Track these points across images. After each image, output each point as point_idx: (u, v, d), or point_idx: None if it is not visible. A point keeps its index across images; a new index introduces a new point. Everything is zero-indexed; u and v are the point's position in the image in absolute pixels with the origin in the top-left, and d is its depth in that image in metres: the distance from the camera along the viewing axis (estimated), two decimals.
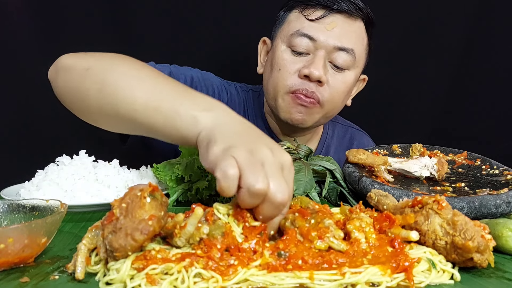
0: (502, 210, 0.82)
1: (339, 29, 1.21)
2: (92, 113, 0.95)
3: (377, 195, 0.78)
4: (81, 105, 0.95)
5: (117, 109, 0.90)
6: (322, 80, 1.19)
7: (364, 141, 1.57)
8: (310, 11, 1.22)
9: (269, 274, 0.55)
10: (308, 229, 0.62)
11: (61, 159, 0.97)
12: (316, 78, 1.18)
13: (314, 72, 1.18)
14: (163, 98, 0.84)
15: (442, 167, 1.03)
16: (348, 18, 1.23)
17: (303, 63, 1.21)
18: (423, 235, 0.63)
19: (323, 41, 1.20)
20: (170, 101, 0.83)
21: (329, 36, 1.20)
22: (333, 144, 1.51)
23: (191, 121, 0.77)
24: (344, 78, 1.25)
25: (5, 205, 0.70)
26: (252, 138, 0.72)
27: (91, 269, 0.59)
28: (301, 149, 1.12)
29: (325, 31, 1.20)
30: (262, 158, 0.65)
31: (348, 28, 1.23)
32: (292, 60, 1.23)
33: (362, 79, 1.40)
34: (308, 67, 1.19)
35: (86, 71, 0.93)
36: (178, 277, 0.54)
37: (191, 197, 0.98)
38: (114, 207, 0.58)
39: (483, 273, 0.62)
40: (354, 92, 1.41)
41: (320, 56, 1.20)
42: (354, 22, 1.24)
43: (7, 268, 0.60)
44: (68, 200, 0.87)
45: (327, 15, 1.21)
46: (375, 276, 0.55)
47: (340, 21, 1.22)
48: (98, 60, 0.95)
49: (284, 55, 1.24)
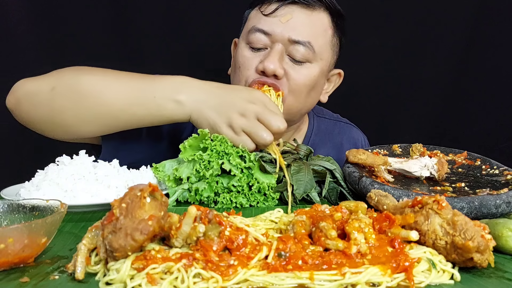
0: (502, 210, 0.82)
1: (295, 20, 1.16)
2: (70, 126, 1.03)
3: (377, 195, 0.78)
4: (56, 122, 1.02)
5: (99, 114, 1.01)
6: (278, 74, 1.15)
7: (353, 134, 1.54)
8: (266, 6, 1.20)
9: (269, 274, 0.55)
10: (302, 235, 0.63)
11: (61, 159, 0.97)
12: (271, 72, 1.14)
13: (268, 66, 1.13)
14: (138, 93, 0.99)
15: (442, 167, 1.03)
16: (305, 8, 1.18)
17: (260, 58, 1.18)
18: (423, 235, 0.63)
19: (278, 33, 1.16)
20: (146, 93, 0.99)
21: (283, 29, 1.16)
22: (319, 140, 1.46)
23: (175, 107, 0.99)
24: (305, 71, 1.19)
25: (5, 205, 0.70)
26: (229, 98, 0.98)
27: (91, 269, 0.59)
28: (301, 149, 1.12)
29: (279, 24, 1.16)
30: (252, 113, 0.97)
31: (305, 19, 1.18)
32: (251, 56, 1.20)
33: (336, 73, 1.36)
34: (263, 61, 1.16)
35: (52, 90, 1.00)
36: (178, 277, 0.54)
37: (190, 198, 0.98)
38: (114, 207, 0.58)
39: (483, 273, 0.62)
40: (330, 88, 1.37)
41: (276, 50, 1.16)
42: (312, 13, 1.19)
43: (7, 268, 0.60)
44: (68, 200, 0.87)
45: (281, 7, 1.17)
46: (375, 276, 0.55)
47: (296, 12, 1.17)
48: (58, 79, 1.03)
49: (243, 52, 1.21)
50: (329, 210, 0.69)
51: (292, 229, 0.65)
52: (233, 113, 0.98)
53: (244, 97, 0.99)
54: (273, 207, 0.96)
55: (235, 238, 0.60)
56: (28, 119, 1.07)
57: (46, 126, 1.05)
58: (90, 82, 1.01)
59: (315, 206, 0.70)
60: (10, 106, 1.07)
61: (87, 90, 1.00)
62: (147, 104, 0.99)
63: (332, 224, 0.64)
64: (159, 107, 0.99)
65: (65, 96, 1.00)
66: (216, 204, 0.97)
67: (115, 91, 1.00)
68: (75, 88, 1.00)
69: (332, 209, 0.69)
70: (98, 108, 1.00)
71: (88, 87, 1.00)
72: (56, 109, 1.01)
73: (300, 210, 0.70)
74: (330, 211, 0.69)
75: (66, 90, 1.00)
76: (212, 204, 0.97)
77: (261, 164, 0.99)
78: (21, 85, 1.06)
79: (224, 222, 0.61)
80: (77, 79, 1.02)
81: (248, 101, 0.99)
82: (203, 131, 0.97)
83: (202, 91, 1.00)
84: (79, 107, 1.00)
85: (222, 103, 0.99)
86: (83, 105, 1.00)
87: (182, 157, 0.97)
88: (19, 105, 1.05)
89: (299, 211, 0.70)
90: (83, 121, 1.02)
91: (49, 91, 1.01)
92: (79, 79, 1.01)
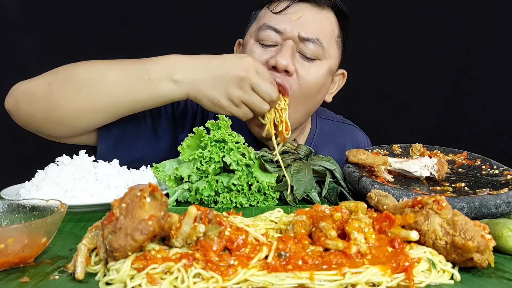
0: (502, 210, 0.82)
1: (305, 18, 1.17)
2: (69, 119, 1.04)
3: (377, 195, 0.78)
4: (55, 116, 1.04)
5: (97, 103, 1.03)
6: (290, 70, 1.15)
7: (356, 136, 1.54)
8: (275, 4, 1.21)
9: (269, 274, 0.55)
10: (302, 235, 0.63)
11: (61, 159, 0.97)
12: (283, 68, 1.14)
13: (281, 61, 1.14)
14: (133, 78, 1.03)
15: (442, 167, 1.03)
16: (315, 7, 1.20)
17: (271, 54, 1.18)
18: (423, 235, 0.63)
19: (289, 31, 1.17)
20: (142, 77, 1.02)
21: (294, 26, 1.17)
22: (322, 141, 1.46)
23: (172, 87, 1.03)
24: (315, 69, 1.20)
25: (5, 205, 0.70)
26: (223, 72, 1.02)
27: (91, 269, 0.59)
28: (301, 149, 1.12)
29: (290, 21, 1.17)
30: (247, 85, 1.01)
31: (315, 16, 1.19)
32: (260, 52, 1.20)
33: (340, 73, 1.37)
34: (274, 56, 1.16)
35: (49, 85, 1.03)
36: (178, 277, 0.54)
37: (190, 197, 0.98)
38: (114, 207, 0.58)
39: (483, 273, 0.62)
40: (335, 89, 1.38)
41: (288, 46, 1.16)
42: (321, 11, 1.21)
43: (7, 268, 0.60)
44: (68, 200, 0.87)
45: (291, 5, 1.18)
46: (375, 276, 0.55)
47: (306, 10, 1.19)
48: (54, 74, 1.06)
49: (253, 48, 1.21)
50: (329, 210, 0.69)
51: (292, 229, 0.65)
52: (230, 86, 1.02)
53: (236, 67, 1.02)
54: (273, 207, 0.96)
55: (235, 238, 0.60)
56: (27, 118, 1.08)
57: (45, 123, 1.06)
58: (85, 73, 1.03)
59: (315, 206, 0.70)
60: (9, 107, 1.08)
61: (83, 80, 1.02)
62: (145, 87, 1.03)
63: (332, 224, 0.64)
64: (156, 89, 1.03)
65: (62, 89, 1.02)
66: (216, 204, 0.97)
67: (110, 79, 1.03)
68: (72, 80, 1.02)
69: (332, 209, 0.69)
70: (96, 97, 1.02)
71: (83, 77, 1.02)
72: (55, 103, 1.02)
73: (300, 210, 0.70)
74: (330, 211, 0.69)
75: (63, 83, 1.03)
76: (212, 204, 0.97)
77: (261, 162, 1.00)
78: (18, 86, 1.08)
79: (224, 222, 0.61)
80: (72, 71, 1.04)
81: (241, 70, 1.01)
82: (198, 129, 0.98)
83: (196, 70, 1.03)
84: (77, 98, 1.02)
85: (218, 78, 1.02)
86: (81, 96, 1.02)
87: (182, 158, 0.98)
88: (17, 105, 1.06)
89: (299, 211, 0.70)
90: (83, 113, 1.04)
91: (46, 87, 1.03)
92: (74, 71, 1.04)
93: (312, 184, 0.99)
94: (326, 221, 0.64)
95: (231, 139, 0.96)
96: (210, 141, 0.96)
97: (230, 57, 1.06)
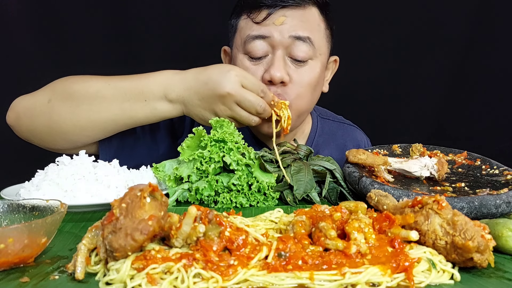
0: (502, 210, 0.82)
1: (289, 20, 1.16)
2: (69, 133, 1.09)
3: (377, 195, 0.78)
4: (55, 131, 1.09)
5: (96, 120, 1.07)
6: (285, 80, 1.16)
7: (357, 136, 1.54)
8: (256, 14, 1.18)
9: (269, 274, 0.55)
10: (302, 235, 0.63)
11: (61, 159, 0.97)
12: (278, 80, 1.15)
13: (275, 74, 1.14)
14: (130, 98, 1.06)
15: (442, 167, 1.03)
16: (296, 8, 1.18)
17: (264, 67, 1.18)
18: (423, 235, 0.63)
19: (277, 36, 1.15)
20: (137, 97, 1.05)
21: (281, 31, 1.16)
22: (322, 141, 1.46)
23: (167, 107, 1.07)
24: (308, 71, 1.20)
25: (5, 205, 0.70)
26: (207, 90, 1.03)
27: (91, 269, 0.59)
28: (301, 149, 1.12)
29: (275, 27, 1.16)
30: (230, 101, 1.02)
31: (299, 18, 1.18)
32: (253, 67, 1.19)
33: (333, 60, 1.36)
34: (268, 71, 1.16)
35: (48, 102, 1.08)
36: (178, 277, 0.54)
37: (190, 197, 0.98)
38: (114, 207, 0.58)
39: (483, 273, 0.62)
40: (329, 75, 1.38)
41: (279, 56, 1.16)
42: (305, 11, 1.19)
43: (7, 268, 0.60)
44: (68, 200, 0.87)
45: (273, 13, 1.16)
46: (375, 276, 0.55)
47: (288, 13, 1.17)
48: (52, 90, 1.10)
49: (244, 63, 1.20)
50: (329, 210, 0.69)
51: (292, 229, 0.65)
52: (215, 104, 1.04)
53: (219, 85, 1.02)
54: (273, 207, 0.96)
55: (235, 238, 0.60)
56: (28, 133, 1.13)
57: (46, 137, 1.11)
58: (83, 91, 1.07)
59: (315, 206, 0.70)
60: (11, 122, 1.13)
61: (82, 98, 1.06)
62: (141, 108, 1.07)
63: (332, 224, 0.64)
64: (153, 109, 1.07)
65: (62, 106, 1.07)
66: (216, 204, 0.97)
67: (107, 98, 1.06)
68: (71, 97, 1.07)
69: (332, 209, 0.69)
70: (95, 115, 1.07)
71: (82, 95, 1.07)
72: (55, 119, 1.07)
73: (300, 210, 0.70)
74: (330, 211, 0.69)
75: (62, 101, 1.07)
76: (212, 204, 0.97)
77: (261, 162, 1.00)
78: (19, 101, 1.12)
79: (224, 222, 0.61)
80: (71, 88, 1.08)
81: (224, 88, 1.02)
82: (198, 129, 0.98)
83: (185, 90, 1.06)
84: (76, 116, 1.06)
85: (204, 98, 1.04)
86: (81, 114, 1.06)
87: (182, 158, 0.98)
88: (19, 120, 1.11)
89: (299, 211, 0.70)
90: (83, 129, 1.08)
91: (46, 104, 1.08)
92: (72, 88, 1.08)
93: (312, 184, 0.99)
94: (326, 221, 0.64)
95: (231, 139, 0.96)
96: (210, 141, 0.96)
97: (214, 73, 1.05)
